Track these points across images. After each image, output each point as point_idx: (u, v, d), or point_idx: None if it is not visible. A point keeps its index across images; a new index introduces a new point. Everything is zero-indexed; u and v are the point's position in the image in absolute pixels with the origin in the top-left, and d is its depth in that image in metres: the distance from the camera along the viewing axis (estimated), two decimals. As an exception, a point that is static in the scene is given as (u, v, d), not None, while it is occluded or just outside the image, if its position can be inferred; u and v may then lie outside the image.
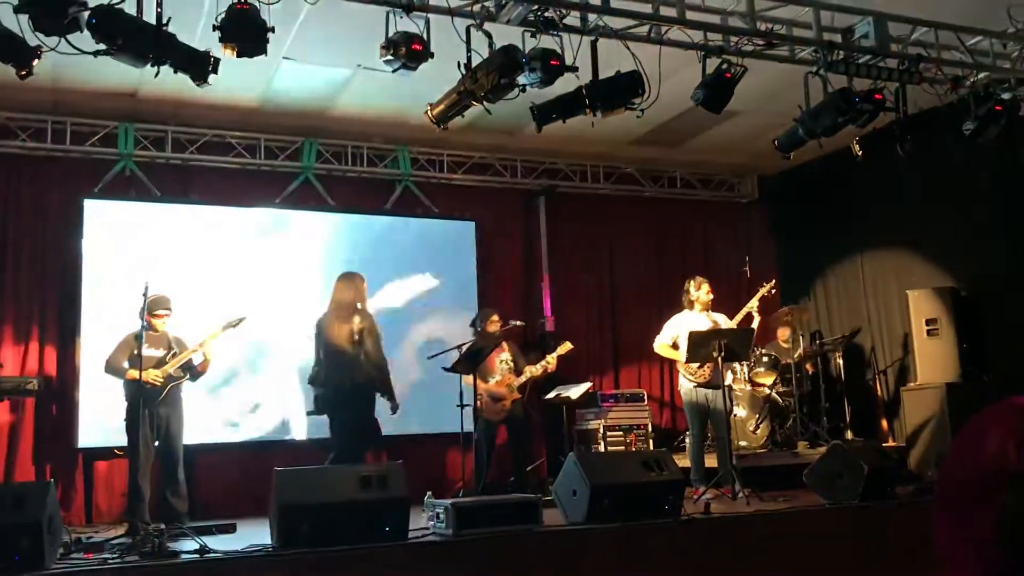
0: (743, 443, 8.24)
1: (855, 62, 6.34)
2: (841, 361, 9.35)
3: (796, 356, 8.77)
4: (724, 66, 6.04)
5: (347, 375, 6.71)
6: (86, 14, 4.64)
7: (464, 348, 7.03)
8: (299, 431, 8.29)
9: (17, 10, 4.55)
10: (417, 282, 8.87)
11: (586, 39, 5.74)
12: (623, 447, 8.53)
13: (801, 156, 7.49)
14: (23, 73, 4.93)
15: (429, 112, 5.80)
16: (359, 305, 6.93)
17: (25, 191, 7.92)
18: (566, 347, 7.87)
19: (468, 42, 5.43)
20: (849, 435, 8.85)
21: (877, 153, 6.83)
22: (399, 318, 8.64)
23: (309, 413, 6.74)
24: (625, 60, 5.79)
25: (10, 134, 7.82)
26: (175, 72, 5.07)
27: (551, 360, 7.77)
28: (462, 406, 7.10)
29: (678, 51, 6.06)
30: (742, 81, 6.11)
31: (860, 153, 6.83)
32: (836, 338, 9.42)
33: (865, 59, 6.40)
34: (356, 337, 6.75)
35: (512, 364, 7.79)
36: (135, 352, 6.17)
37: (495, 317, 7.82)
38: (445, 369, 7.05)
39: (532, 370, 7.72)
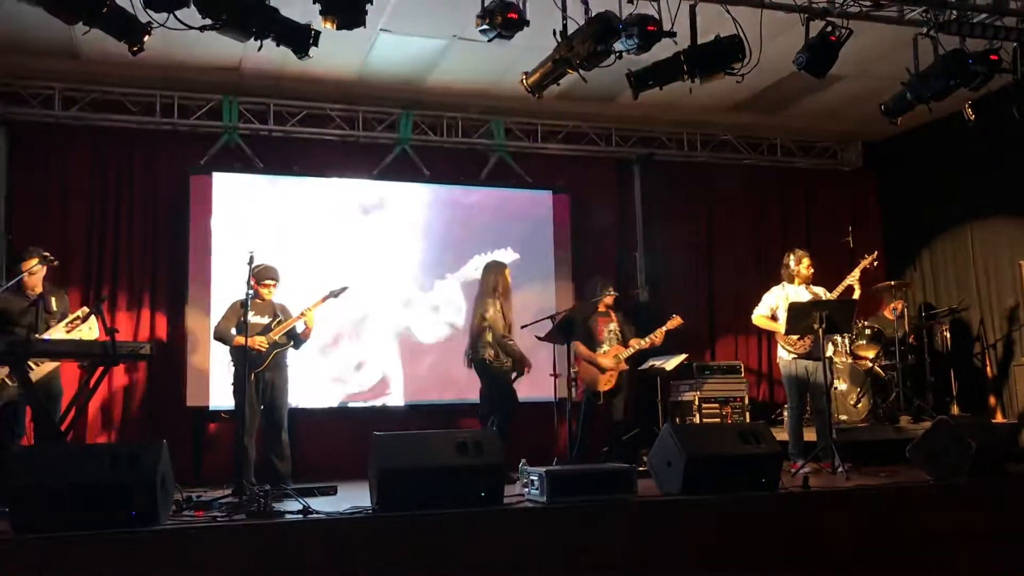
0: (843, 417, 8.05)
1: (969, 21, 6.06)
2: (948, 334, 9.02)
3: (901, 331, 8.49)
4: (828, 29, 5.86)
5: (494, 353, 7.10)
6: (193, -10, 4.79)
7: (557, 318, 7.07)
8: (396, 397, 8.49)
9: (129, -12, 4.74)
10: (502, 255, 8.89)
11: (684, 3, 5.63)
12: (718, 419, 8.43)
13: (909, 121, 7.18)
14: (135, 49, 5.11)
15: (524, 81, 5.79)
16: (508, 291, 7.33)
17: (137, 163, 8.25)
18: (676, 321, 7.72)
19: (564, 9, 5.38)
20: (955, 410, 8.56)
21: (991, 117, 6.52)
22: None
23: None
24: (724, 24, 5.66)
25: (123, 109, 8.14)
26: (277, 46, 5.21)
27: (659, 334, 7.63)
28: (555, 375, 7.21)
29: (780, 14, 5.89)
30: (847, 44, 5.91)
31: (973, 117, 6.54)
32: (943, 310, 9.09)
33: (980, 18, 6.11)
34: (504, 320, 7.17)
35: (620, 335, 7.72)
36: (242, 319, 6.38)
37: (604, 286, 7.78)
38: (539, 338, 7.14)
39: (640, 342, 7.62)
